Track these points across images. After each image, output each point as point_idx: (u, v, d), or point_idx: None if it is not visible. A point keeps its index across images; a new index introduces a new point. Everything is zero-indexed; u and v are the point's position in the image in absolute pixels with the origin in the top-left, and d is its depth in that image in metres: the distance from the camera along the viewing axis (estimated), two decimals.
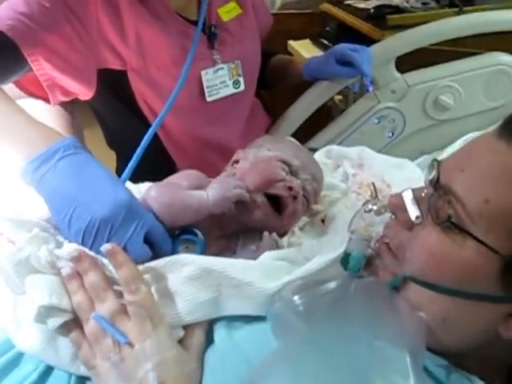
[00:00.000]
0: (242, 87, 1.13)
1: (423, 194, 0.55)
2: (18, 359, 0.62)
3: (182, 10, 1.03)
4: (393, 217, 0.59)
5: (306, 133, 1.34)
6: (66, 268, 0.60)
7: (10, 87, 0.90)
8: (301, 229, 0.81)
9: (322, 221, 0.82)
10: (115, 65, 0.98)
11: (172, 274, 0.63)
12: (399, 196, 0.56)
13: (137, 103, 1.03)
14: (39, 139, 0.70)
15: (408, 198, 0.56)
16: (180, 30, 1.01)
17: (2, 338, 0.62)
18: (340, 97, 1.73)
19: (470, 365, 0.55)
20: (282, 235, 0.76)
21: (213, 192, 0.70)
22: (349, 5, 1.86)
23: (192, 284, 0.61)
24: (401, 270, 0.55)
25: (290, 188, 0.74)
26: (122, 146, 1.13)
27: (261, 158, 0.78)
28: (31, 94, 0.95)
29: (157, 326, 0.57)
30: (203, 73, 1.05)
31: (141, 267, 0.62)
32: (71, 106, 1.16)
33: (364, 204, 0.66)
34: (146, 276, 0.62)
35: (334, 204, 0.85)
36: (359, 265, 0.59)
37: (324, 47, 1.80)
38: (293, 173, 0.77)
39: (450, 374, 0.53)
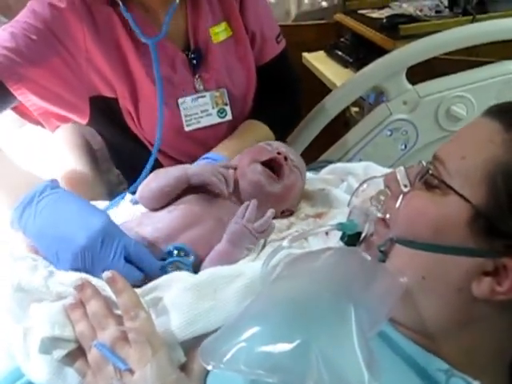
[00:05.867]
0: (229, 116, 1.06)
1: (414, 170, 0.62)
2: None
3: (170, 35, 0.99)
4: (388, 192, 0.64)
5: (325, 144, 1.34)
6: (70, 298, 0.62)
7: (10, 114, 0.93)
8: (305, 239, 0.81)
9: (326, 233, 0.82)
10: (106, 92, 0.98)
11: (168, 291, 0.65)
12: (393, 172, 0.64)
13: (130, 127, 1.02)
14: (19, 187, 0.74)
15: (400, 171, 0.63)
16: (165, 58, 0.98)
17: (14, 366, 0.63)
18: (356, 108, 1.72)
19: (453, 357, 0.55)
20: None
21: (194, 166, 0.84)
22: (362, 15, 1.85)
23: (187, 295, 0.63)
24: (389, 235, 0.60)
25: (279, 153, 0.85)
26: (123, 165, 1.16)
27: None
28: (32, 121, 0.96)
29: (157, 352, 0.57)
30: (180, 101, 1.00)
31: (138, 290, 0.64)
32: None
33: (361, 184, 0.72)
34: (144, 299, 0.63)
35: (338, 217, 0.84)
36: (353, 227, 0.64)
37: (339, 59, 1.79)
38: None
39: (450, 378, 0.54)
